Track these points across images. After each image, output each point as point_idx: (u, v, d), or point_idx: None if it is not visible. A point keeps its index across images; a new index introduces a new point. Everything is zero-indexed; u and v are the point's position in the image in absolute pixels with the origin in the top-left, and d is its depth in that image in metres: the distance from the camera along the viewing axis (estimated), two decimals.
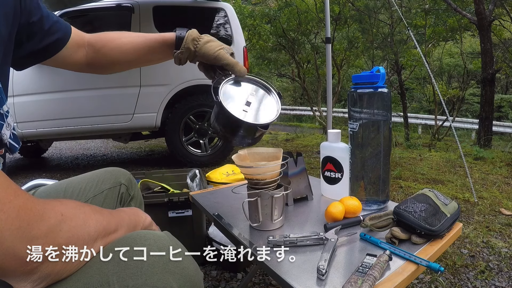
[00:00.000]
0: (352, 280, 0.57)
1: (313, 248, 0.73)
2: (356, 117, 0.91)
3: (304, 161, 1.06)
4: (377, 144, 0.90)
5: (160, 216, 1.60)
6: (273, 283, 1.45)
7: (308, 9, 7.71)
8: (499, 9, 6.65)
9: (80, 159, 4.65)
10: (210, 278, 1.51)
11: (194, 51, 0.77)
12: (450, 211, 0.77)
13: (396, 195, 2.59)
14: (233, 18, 3.83)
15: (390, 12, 8.03)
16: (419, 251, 0.70)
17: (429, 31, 7.89)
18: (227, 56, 0.78)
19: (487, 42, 5.83)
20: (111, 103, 3.41)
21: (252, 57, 9.35)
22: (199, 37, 0.78)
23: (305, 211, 0.96)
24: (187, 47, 0.76)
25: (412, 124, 10.56)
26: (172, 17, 3.75)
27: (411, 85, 11.66)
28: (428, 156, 4.26)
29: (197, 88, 3.61)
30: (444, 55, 10.10)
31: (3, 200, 0.36)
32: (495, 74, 6.01)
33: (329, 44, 3.30)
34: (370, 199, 0.93)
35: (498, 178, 3.14)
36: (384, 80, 0.88)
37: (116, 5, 3.62)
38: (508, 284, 1.45)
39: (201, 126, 3.67)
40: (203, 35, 0.80)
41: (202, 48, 0.76)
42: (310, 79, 10.55)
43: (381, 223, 0.77)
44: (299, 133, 6.91)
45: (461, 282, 1.47)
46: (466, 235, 1.90)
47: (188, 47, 0.76)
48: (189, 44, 0.76)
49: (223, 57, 0.77)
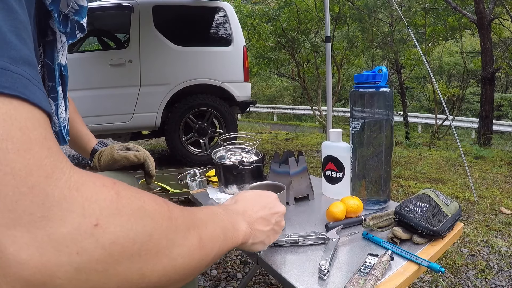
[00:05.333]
0: (354, 280, 0.57)
1: (314, 247, 0.73)
2: (358, 116, 0.91)
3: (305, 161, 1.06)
4: (378, 144, 0.90)
5: None
6: (273, 282, 1.45)
7: (308, 8, 7.71)
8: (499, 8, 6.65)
9: (80, 159, 4.65)
10: (210, 277, 1.51)
11: (99, 166, 0.87)
12: (451, 211, 0.77)
13: (396, 194, 2.60)
14: (232, 17, 3.82)
15: (390, 11, 8.03)
16: (421, 251, 0.70)
17: (429, 30, 7.90)
18: (122, 154, 0.85)
19: (487, 41, 5.83)
20: (111, 102, 3.41)
21: (252, 57, 9.34)
22: (100, 153, 0.88)
23: (306, 211, 0.96)
24: (94, 165, 0.88)
25: (412, 123, 10.57)
26: (172, 17, 3.75)
27: (411, 84, 11.67)
28: (428, 155, 4.26)
29: (197, 87, 3.61)
30: (444, 54, 10.11)
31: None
32: (495, 73, 6.01)
33: (329, 43, 3.29)
34: (372, 199, 0.93)
35: (498, 177, 3.15)
36: (387, 79, 0.88)
37: (116, 5, 3.62)
38: (508, 283, 1.45)
39: (201, 125, 3.66)
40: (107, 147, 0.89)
41: (102, 162, 0.86)
42: (310, 78, 10.56)
43: (382, 223, 0.77)
44: (299, 132, 6.91)
45: (462, 281, 1.47)
46: (466, 234, 1.90)
47: (95, 165, 0.88)
48: (95, 162, 0.88)
49: (117, 157, 0.84)
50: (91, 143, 0.90)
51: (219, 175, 1.10)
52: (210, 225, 0.41)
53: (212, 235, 0.41)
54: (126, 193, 0.31)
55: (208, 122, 3.71)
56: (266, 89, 16.66)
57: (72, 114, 0.90)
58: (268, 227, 0.55)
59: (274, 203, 0.59)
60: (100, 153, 0.87)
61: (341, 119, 12.07)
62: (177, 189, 1.94)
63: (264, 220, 0.55)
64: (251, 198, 0.57)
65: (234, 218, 0.49)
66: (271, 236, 0.57)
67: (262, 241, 0.55)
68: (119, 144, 0.89)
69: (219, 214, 0.46)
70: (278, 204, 0.59)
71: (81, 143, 0.90)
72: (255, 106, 10.81)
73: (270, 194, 0.61)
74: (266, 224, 0.55)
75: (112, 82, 3.43)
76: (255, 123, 11.32)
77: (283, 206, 0.60)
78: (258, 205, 0.56)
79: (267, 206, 0.57)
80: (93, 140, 0.92)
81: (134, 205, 0.31)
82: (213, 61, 3.70)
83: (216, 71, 3.68)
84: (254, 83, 14.27)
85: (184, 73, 3.56)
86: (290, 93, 17.02)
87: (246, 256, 1.66)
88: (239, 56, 3.76)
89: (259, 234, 0.53)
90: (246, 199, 0.56)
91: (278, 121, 13.72)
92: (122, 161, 0.85)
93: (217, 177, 1.14)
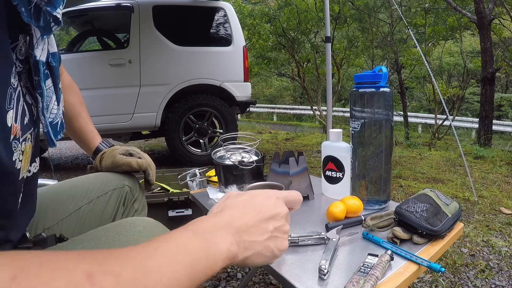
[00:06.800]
0: (354, 280, 0.57)
1: (314, 247, 0.72)
2: (358, 116, 0.91)
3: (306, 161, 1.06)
4: (378, 144, 0.90)
5: (160, 216, 1.60)
6: (273, 282, 1.45)
7: (308, 8, 7.71)
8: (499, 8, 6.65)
9: (80, 159, 4.65)
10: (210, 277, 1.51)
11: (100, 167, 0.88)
12: (451, 211, 0.77)
13: (396, 194, 2.60)
14: (232, 17, 3.83)
15: (390, 11, 8.03)
16: (421, 251, 0.70)
17: (429, 30, 7.90)
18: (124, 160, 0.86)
19: (487, 41, 5.83)
20: (110, 102, 3.41)
21: (252, 57, 9.35)
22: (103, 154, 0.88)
23: (306, 211, 0.96)
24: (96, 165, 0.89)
25: (412, 123, 10.57)
26: (172, 17, 3.75)
27: (411, 84, 11.67)
28: (428, 155, 4.26)
29: (197, 87, 3.62)
30: (444, 54, 10.11)
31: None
32: (495, 73, 6.02)
33: (329, 43, 3.29)
34: (372, 199, 0.93)
35: (498, 177, 3.15)
36: (387, 79, 0.88)
37: (116, 5, 3.62)
38: (508, 283, 1.45)
39: (201, 125, 3.66)
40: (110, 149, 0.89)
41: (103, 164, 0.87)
42: (310, 78, 10.56)
43: (382, 223, 0.77)
44: (299, 132, 6.91)
45: (461, 281, 1.47)
46: (466, 234, 1.90)
47: (97, 165, 0.88)
48: (97, 162, 0.88)
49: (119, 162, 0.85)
50: (95, 141, 0.90)
51: (219, 175, 1.11)
52: (167, 272, 0.33)
53: (173, 277, 0.33)
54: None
55: (208, 122, 3.71)
56: (266, 89, 16.66)
57: (78, 108, 0.89)
58: (264, 236, 0.46)
59: (272, 206, 0.48)
60: (103, 155, 0.87)
61: (341, 119, 12.07)
62: (177, 189, 1.94)
63: (256, 228, 0.45)
64: (242, 203, 0.48)
65: (211, 237, 0.40)
66: (271, 245, 0.46)
67: (260, 252, 0.45)
68: (122, 148, 0.89)
69: (186, 245, 0.37)
70: (278, 206, 0.49)
71: (85, 139, 0.90)
72: (255, 106, 10.82)
73: (269, 195, 0.50)
74: (260, 233, 0.45)
75: (112, 82, 3.43)
76: (255, 123, 11.32)
77: (284, 208, 0.50)
78: (249, 211, 0.46)
79: (262, 210, 0.47)
80: (98, 138, 0.91)
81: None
82: (213, 61, 3.70)
83: (216, 71, 3.68)
84: (254, 83, 14.27)
85: (184, 73, 3.56)
86: (290, 93, 17.02)
87: None
88: (239, 56, 3.76)
89: (253, 245, 0.44)
90: (235, 205, 0.47)
91: (278, 121, 13.72)
92: (124, 166, 0.85)
93: (217, 177, 1.14)
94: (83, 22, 4.27)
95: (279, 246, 0.48)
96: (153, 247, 0.35)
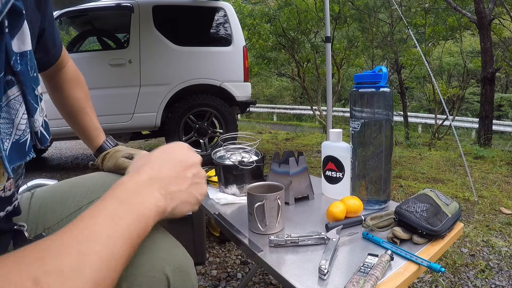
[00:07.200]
0: (354, 280, 0.57)
1: (314, 247, 0.73)
2: (358, 116, 0.91)
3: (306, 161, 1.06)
4: (378, 144, 0.90)
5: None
6: (273, 282, 1.45)
7: (308, 8, 7.71)
8: (499, 8, 6.65)
9: (80, 159, 4.65)
10: (210, 277, 1.51)
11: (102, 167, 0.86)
12: (451, 211, 0.77)
13: (396, 194, 2.60)
14: (232, 17, 3.83)
15: (390, 11, 8.03)
16: (421, 251, 0.70)
17: (429, 30, 7.90)
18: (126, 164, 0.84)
19: (487, 41, 5.83)
20: (111, 102, 3.41)
21: (252, 57, 9.35)
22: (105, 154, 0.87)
23: (306, 211, 0.96)
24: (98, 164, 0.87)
25: (412, 123, 10.57)
26: (172, 17, 3.75)
27: (411, 84, 11.68)
28: (428, 155, 4.26)
29: (197, 87, 3.62)
30: (444, 54, 10.11)
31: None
32: (495, 73, 6.02)
33: (329, 43, 3.29)
34: (371, 199, 0.93)
35: (498, 177, 3.15)
36: (387, 79, 0.88)
37: (116, 5, 3.62)
38: (508, 283, 1.45)
39: (201, 125, 3.66)
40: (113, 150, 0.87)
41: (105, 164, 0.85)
42: (310, 78, 10.56)
43: (382, 223, 0.77)
44: (299, 132, 6.91)
45: (461, 281, 1.47)
46: (466, 234, 1.90)
47: (99, 164, 0.87)
48: (99, 162, 0.87)
49: (121, 165, 0.83)
50: (99, 139, 0.89)
51: (219, 175, 1.10)
52: (104, 249, 0.34)
53: (112, 252, 0.35)
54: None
55: (208, 122, 3.71)
56: (266, 89, 16.66)
57: (83, 103, 0.89)
58: (186, 184, 0.47)
59: (185, 155, 0.50)
60: (106, 155, 0.87)
61: (341, 119, 12.07)
62: None
63: (177, 179, 0.47)
64: (156, 158, 0.48)
65: (137, 199, 0.41)
66: (194, 192, 0.48)
67: (185, 200, 0.47)
68: (125, 150, 0.87)
69: (114, 216, 0.38)
70: (191, 154, 0.51)
71: (89, 136, 0.89)
72: (255, 106, 10.81)
73: (181, 145, 0.52)
74: (182, 182, 0.47)
75: (112, 82, 3.43)
76: (255, 123, 11.32)
77: (196, 155, 0.52)
78: (167, 164, 0.47)
79: (178, 162, 0.48)
80: (102, 135, 0.90)
81: None
82: (213, 61, 3.70)
83: (216, 71, 3.68)
84: (254, 83, 14.26)
85: (184, 73, 3.56)
86: (290, 93, 17.01)
87: (246, 256, 1.66)
88: (239, 56, 3.76)
89: (178, 195, 0.46)
90: (151, 161, 0.47)
91: (278, 121, 13.72)
92: (125, 170, 0.85)
93: (217, 177, 1.14)
94: (83, 22, 4.27)
95: (201, 191, 0.50)
96: (82, 228, 0.36)
